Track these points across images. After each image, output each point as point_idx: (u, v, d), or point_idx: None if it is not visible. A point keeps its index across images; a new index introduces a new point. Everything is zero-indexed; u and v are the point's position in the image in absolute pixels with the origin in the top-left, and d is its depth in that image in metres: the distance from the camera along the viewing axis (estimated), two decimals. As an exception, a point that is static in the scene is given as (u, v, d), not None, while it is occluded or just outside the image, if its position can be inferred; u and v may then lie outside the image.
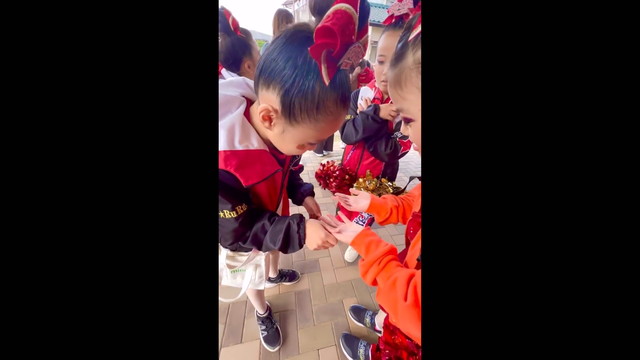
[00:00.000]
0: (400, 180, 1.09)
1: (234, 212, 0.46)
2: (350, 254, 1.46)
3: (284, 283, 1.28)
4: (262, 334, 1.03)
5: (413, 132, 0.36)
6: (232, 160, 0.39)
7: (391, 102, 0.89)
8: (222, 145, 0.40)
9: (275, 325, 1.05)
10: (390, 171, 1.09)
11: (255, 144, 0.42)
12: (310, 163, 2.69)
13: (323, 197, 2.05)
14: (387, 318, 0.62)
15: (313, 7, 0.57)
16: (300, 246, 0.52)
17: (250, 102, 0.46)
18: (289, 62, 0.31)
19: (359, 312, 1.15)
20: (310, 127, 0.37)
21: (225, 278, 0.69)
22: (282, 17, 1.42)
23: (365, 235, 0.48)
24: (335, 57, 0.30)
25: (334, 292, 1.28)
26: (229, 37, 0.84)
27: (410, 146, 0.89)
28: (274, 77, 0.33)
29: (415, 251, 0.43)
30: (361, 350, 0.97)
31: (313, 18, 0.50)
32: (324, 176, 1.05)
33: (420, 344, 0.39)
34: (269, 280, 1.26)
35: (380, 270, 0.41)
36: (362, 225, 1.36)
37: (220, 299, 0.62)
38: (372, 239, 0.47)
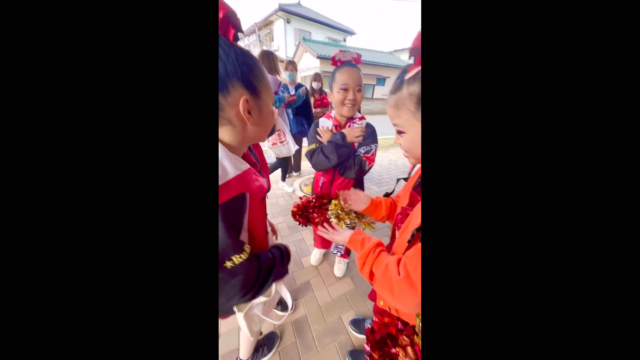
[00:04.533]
0: (369, 190, 1.14)
1: (244, 253, 0.41)
2: (338, 267, 1.45)
3: (276, 312, 1.21)
4: None
5: (404, 141, 0.47)
6: (234, 186, 0.40)
7: (349, 126, 1.01)
8: (220, 179, 0.39)
9: (264, 351, 1.00)
10: (359, 187, 1.15)
11: (243, 167, 0.44)
12: (280, 196, 2.70)
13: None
14: (375, 305, 0.63)
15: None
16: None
17: None
18: (220, 64, 0.38)
19: (358, 323, 1.12)
20: (267, 89, 0.44)
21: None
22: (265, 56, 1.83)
23: (358, 233, 0.59)
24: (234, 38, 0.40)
25: (331, 310, 1.23)
26: None
27: (374, 160, 1.01)
28: (224, 79, 0.38)
29: (405, 236, 0.48)
30: (368, 361, 0.93)
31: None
32: (301, 212, 0.98)
33: (415, 313, 0.43)
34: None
35: (376, 258, 0.49)
36: (341, 251, 1.39)
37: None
38: (364, 235, 0.57)
